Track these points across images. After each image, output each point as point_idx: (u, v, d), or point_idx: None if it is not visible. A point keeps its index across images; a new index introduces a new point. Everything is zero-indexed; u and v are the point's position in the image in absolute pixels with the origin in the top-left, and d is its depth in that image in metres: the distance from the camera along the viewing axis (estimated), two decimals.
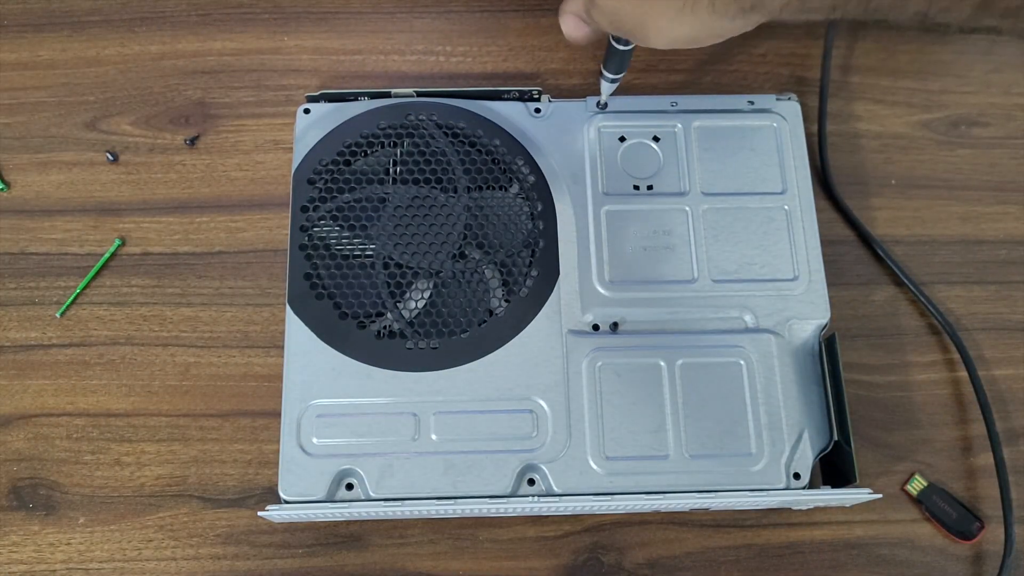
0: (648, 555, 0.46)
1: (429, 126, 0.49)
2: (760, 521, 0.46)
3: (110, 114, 0.54)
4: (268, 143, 0.54)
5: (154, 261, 0.51)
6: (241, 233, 0.52)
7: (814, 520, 0.46)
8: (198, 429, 0.48)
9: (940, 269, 0.52)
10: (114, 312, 0.50)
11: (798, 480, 0.43)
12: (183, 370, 0.49)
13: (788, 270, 0.47)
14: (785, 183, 0.49)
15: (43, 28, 0.57)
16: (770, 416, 0.44)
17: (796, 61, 0.57)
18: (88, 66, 0.55)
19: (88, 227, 0.52)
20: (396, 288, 0.46)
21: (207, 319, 0.50)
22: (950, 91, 0.56)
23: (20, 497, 0.46)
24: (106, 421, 0.48)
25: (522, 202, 0.48)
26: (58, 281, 0.50)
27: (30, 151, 0.53)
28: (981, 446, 0.48)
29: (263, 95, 0.55)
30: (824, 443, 0.44)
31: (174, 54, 0.56)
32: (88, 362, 0.49)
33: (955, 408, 0.49)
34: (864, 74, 0.56)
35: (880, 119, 0.55)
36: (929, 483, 0.46)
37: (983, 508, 0.47)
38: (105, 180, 0.53)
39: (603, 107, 0.50)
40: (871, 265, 0.52)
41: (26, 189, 0.53)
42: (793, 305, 0.46)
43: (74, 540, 0.46)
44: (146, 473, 0.47)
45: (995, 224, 0.53)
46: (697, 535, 0.46)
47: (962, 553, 0.46)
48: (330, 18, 0.57)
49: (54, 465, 0.47)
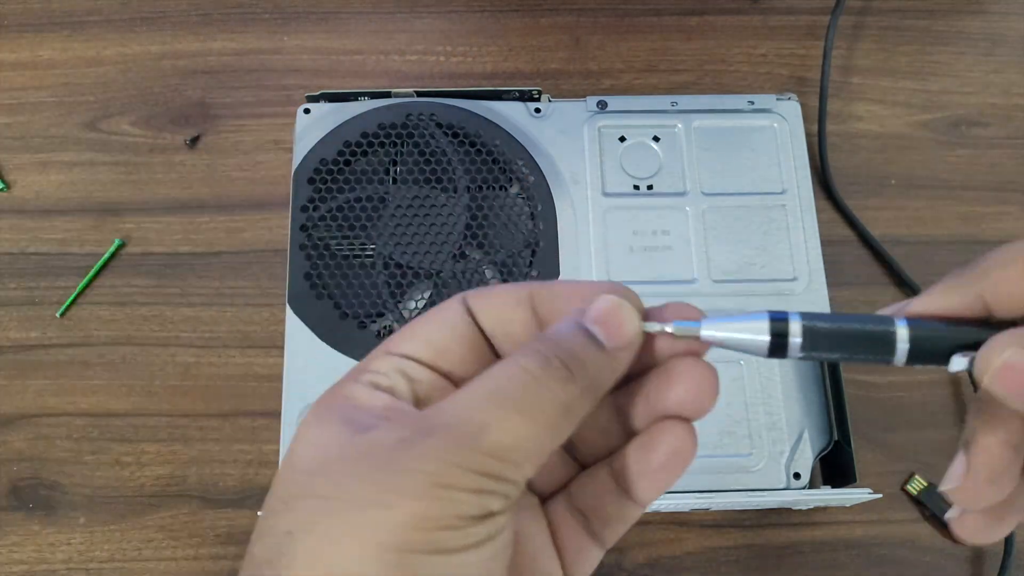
0: (648, 555, 0.46)
1: (429, 126, 0.49)
2: (760, 521, 0.46)
3: (110, 114, 0.54)
4: (268, 143, 0.54)
5: (154, 261, 0.51)
6: (241, 233, 0.52)
7: (814, 520, 0.46)
8: (198, 429, 0.48)
9: (940, 269, 0.51)
10: (114, 312, 0.50)
11: (798, 480, 0.43)
12: (183, 370, 0.49)
13: (788, 270, 0.47)
14: (785, 183, 0.49)
15: (43, 28, 0.56)
16: (770, 416, 0.44)
17: (796, 61, 0.57)
18: (88, 66, 0.55)
19: (88, 227, 0.52)
20: (396, 288, 0.46)
21: (207, 319, 0.50)
22: (950, 91, 0.56)
23: (20, 497, 0.46)
24: (106, 421, 0.48)
25: (522, 202, 0.48)
26: (58, 281, 0.50)
27: (30, 151, 0.53)
28: None
29: (263, 95, 0.55)
30: (824, 443, 0.44)
31: (174, 54, 0.56)
32: (88, 362, 0.49)
33: (955, 408, 0.49)
34: (864, 74, 0.56)
35: (880, 119, 0.55)
36: (929, 483, 0.46)
37: None
38: (105, 180, 0.53)
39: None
40: (871, 265, 0.52)
41: (26, 189, 0.52)
42: (793, 305, 0.46)
43: (74, 540, 0.46)
44: (146, 473, 0.47)
45: (995, 224, 0.53)
46: (697, 535, 0.46)
47: (962, 553, 0.46)
48: (330, 18, 0.57)
49: (55, 465, 0.47)
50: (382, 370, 0.23)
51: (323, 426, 0.21)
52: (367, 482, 0.19)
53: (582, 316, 0.22)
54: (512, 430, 0.20)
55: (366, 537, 0.19)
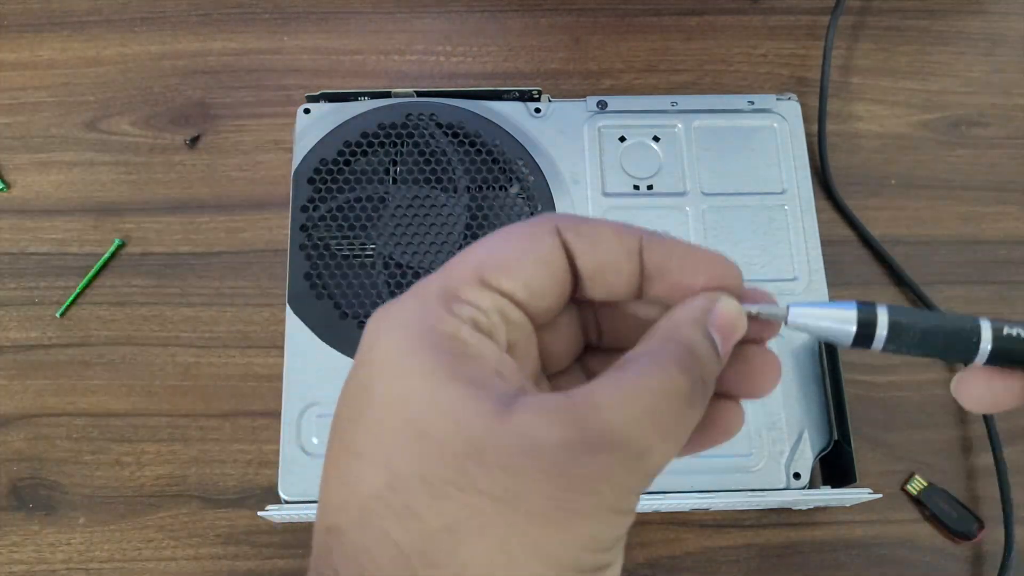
0: (647, 555, 0.46)
1: (429, 126, 0.49)
2: (760, 521, 0.46)
3: (110, 114, 0.54)
4: (268, 143, 0.54)
5: (154, 261, 0.51)
6: (241, 233, 0.52)
7: (814, 520, 0.46)
8: (198, 429, 0.48)
9: (940, 269, 0.52)
10: (114, 312, 0.50)
11: (798, 480, 0.43)
12: (183, 370, 0.49)
13: (788, 270, 0.47)
14: (785, 183, 0.49)
15: (43, 28, 0.56)
16: (770, 416, 0.44)
17: (796, 61, 0.57)
18: (88, 66, 0.55)
19: (88, 227, 0.52)
20: (396, 288, 0.46)
21: (207, 319, 0.50)
22: (950, 91, 0.56)
23: (20, 497, 0.46)
24: (106, 421, 0.48)
25: (522, 202, 0.48)
26: (58, 281, 0.50)
27: (30, 151, 0.53)
28: (981, 446, 0.47)
29: (263, 95, 0.55)
30: (824, 443, 0.44)
31: (174, 54, 0.56)
32: (88, 362, 0.49)
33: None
34: (864, 74, 0.56)
35: (880, 119, 0.55)
36: (929, 483, 0.46)
37: (983, 508, 0.47)
38: (105, 180, 0.53)
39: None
40: (871, 265, 0.52)
41: (26, 189, 0.52)
42: None
43: (74, 540, 0.46)
44: (146, 473, 0.47)
45: (995, 224, 0.53)
46: (697, 535, 0.46)
47: (962, 553, 0.46)
48: (330, 18, 0.57)
49: (54, 465, 0.47)
50: (483, 306, 0.20)
51: (439, 374, 0.18)
52: (543, 494, 0.18)
53: (708, 317, 0.21)
54: (668, 450, 0.19)
55: (546, 554, 0.18)
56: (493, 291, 0.20)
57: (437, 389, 0.18)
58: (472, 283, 0.20)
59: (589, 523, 0.18)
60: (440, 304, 0.20)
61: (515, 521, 0.17)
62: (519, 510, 0.17)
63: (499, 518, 0.18)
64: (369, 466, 0.19)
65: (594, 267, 0.21)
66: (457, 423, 0.18)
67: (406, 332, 0.19)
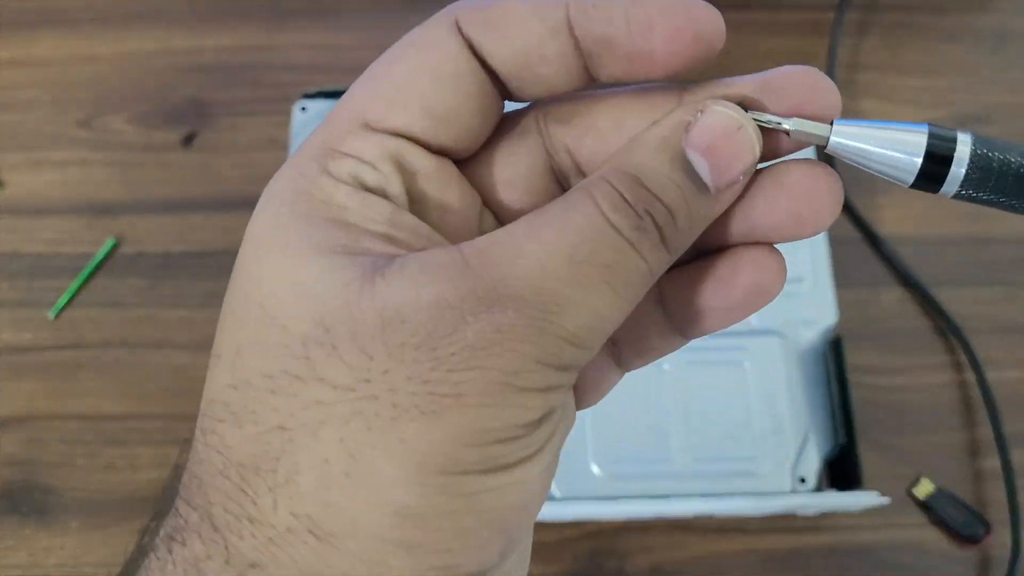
0: (650, 561, 0.45)
1: None
2: (764, 526, 0.46)
3: (104, 112, 0.54)
4: (264, 141, 0.53)
5: (148, 261, 0.50)
6: (236, 233, 0.50)
7: (819, 525, 0.46)
8: (192, 432, 0.47)
9: (948, 269, 0.51)
10: (108, 313, 0.49)
11: (803, 484, 0.42)
12: (177, 372, 0.48)
13: (794, 270, 0.46)
14: None
15: (37, 25, 0.56)
16: (775, 419, 0.43)
17: (801, 59, 0.56)
18: (82, 64, 0.55)
19: (82, 227, 0.51)
20: None
21: (202, 320, 0.49)
22: (957, 89, 0.55)
23: (13, 501, 0.46)
24: (100, 424, 0.47)
25: None
26: (51, 282, 0.50)
27: (23, 150, 0.53)
28: (989, 449, 0.47)
29: (259, 92, 0.54)
30: (830, 447, 0.43)
31: (169, 51, 0.55)
32: (82, 364, 0.48)
33: (962, 411, 0.48)
34: (870, 72, 0.56)
35: (887, 117, 0.54)
36: (936, 487, 0.46)
37: (990, 512, 0.46)
38: (99, 179, 0.52)
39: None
40: (878, 265, 0.51)
41: (19, 188, 0.52)
42: (799, 306, 0.46)
43: (68, 544, 0.45)
44: (140, 477, 0.46)
45: (1003, 223, 0.52)
46: (700, 540, 0.45)
47: (969, 558, 0.45)
48: (327, 14, 0.56)
49: (47, 469, 0.46)
50: (367, 157, 0.16)
51: (303, 248, 0.15)
52: (402, 375, 0.14)
53: (685, 133, 0.16)
54: (596, 308, 0.15)
55: (403, 454, 0.14)
56: (380, 133, 0.16)
57: (297, 266, 0.15)
58: (354, 130, 0.17)
59: (471, 410, 0.14)
60: (316, 165, 0.16)
61: (363, 411, 0.14)
62: (374, 402, 0.14)
63: (342, 409, 0.14)
64: (221, 366, 0.16)
65: (512, 61, 0.16)
66: (310, 302, 0.15)
67: (277, 203, 0.16)
